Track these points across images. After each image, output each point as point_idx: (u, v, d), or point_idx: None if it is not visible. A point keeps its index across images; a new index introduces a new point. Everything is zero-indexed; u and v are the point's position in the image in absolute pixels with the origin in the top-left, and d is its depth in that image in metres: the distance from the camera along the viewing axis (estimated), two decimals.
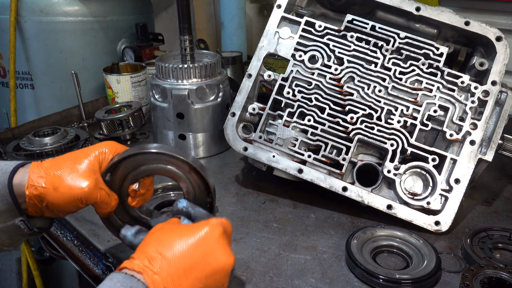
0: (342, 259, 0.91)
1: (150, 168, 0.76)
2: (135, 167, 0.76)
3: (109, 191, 0.74)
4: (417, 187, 1.04)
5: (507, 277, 0.79)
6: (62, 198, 0.69)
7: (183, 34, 1.32)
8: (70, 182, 0.69)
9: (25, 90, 1.79)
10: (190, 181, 0.77)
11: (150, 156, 0.75)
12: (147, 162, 0.75)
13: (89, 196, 0.70)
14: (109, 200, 0.73)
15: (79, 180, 0.70)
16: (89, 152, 0.74)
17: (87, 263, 0.96)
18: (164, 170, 0.76)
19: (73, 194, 0.69)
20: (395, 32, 1.09)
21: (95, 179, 0.71)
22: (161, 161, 0.75)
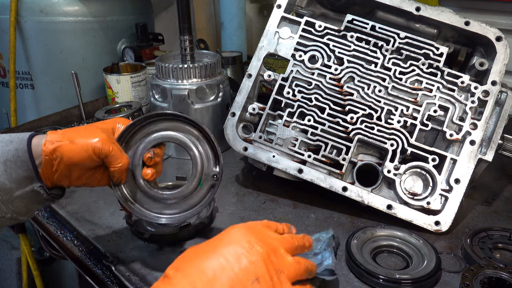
0: (342, 259, 0.91)
1: (160, 136, 0.78)
2: (146, 134, 0.79)
3: (121, 149, 0.78)
4: (417, 187, 1.04)
5: (507, 277, 0.79)
6: (77, 150, 0.73)
7: (183, 34, 1.32)
8: (85, 135, 0.75)
9: (25, 90, 1.79)
10: (198, 149, 0.77)
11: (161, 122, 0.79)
12: (157, 129, 0.78)
13: (103, 147, 0.75)
14: (121, 155, 0.77)
15: (93, 134, 0.75)
16: (102, 123, 0.82)
17: (87, 263, 0.96)
18: (174, 138, 0.77)
19: (87, 145, 0.74)
20: (395, 32, 1.09)
21: (107, 135, 0.77)
22: (171, 127, 0.78)
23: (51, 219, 1.10)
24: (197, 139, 0.76)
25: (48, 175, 0.76)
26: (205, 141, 0.76)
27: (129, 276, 0.87)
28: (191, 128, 0.76)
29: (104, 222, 1.04)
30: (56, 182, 0.78)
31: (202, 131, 0.76)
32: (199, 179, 0.80)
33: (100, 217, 1.07)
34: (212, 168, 0.78)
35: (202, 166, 0.78)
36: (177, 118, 0.79)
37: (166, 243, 0.97)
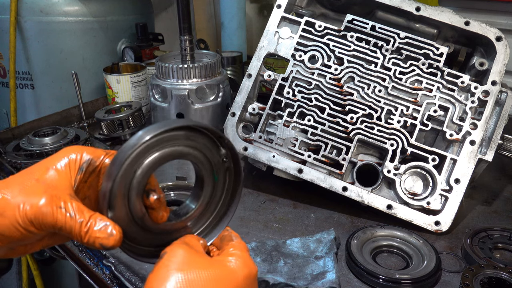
0: (342, 259, 0.91)
1: (148, 164, 0.58)
2: (130, 176, 0.57)
3: (79, 213, 0.52)
4: (417, 187, 1.04)
5: (507, 277, 0.79)
6: (10, 224, 0.52)
7: (183, 34, 1.32)
8: (18, 201, 0.52)
9: (25, 90, 1.79)
10: (194, 147, 0.63)
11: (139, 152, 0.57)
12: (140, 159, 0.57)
13: (41, 217, 0.51)
14: (73, 224, 0.52)
15: (29, 197, 0.52)
16: (49, 163, 0.56)
17: (87, 263, 0.96)
18: (163, 157, 0.59)
19: (21, 215, 0.52)
20: (395, 32, 1.09)
21: (50, 195, 0.52)
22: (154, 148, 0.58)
23: None
24: (187, 138, 0.62)
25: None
26: (197, 134, 0.62)
27: (129, 276, 0.87)
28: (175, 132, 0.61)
29: None
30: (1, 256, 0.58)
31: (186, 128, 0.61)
32: (211, 174, 0.66)
33: None
34: (217, 152, 0.65)
35: (208, 160, 0.64)
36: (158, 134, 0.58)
37: None
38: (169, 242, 0.62)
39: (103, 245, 0.51)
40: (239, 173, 0.67)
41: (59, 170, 0.56)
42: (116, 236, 0.52)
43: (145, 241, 0.62)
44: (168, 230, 0.64)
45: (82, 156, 0.58)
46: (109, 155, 0.59)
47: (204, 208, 0.67)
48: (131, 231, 0.59)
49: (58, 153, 0.58)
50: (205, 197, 0.67)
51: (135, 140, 0.55)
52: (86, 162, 0.58)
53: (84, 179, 0.58)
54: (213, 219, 0.69)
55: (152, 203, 0.59)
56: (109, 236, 0.51)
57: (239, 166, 0.66)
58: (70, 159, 0.57)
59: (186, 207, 0.67)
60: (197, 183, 0.67)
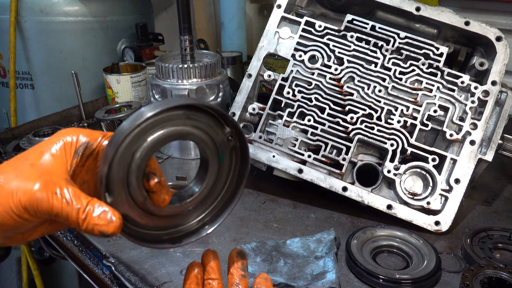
0: (342, 259, 0.91)
1: (147, 146, 0.55)
2: (129, 159, 0.54)
3: (76, 198, 0.50)
4: (417, 187, 1.04)
5: (507, 277, 0.79)
6: (4, 211, 0.50)
7: (183, 34, 1.32)
8: (12, 187, 0.50)
9: (25, 90, 1.79)
10: (196, 126, 0.59)
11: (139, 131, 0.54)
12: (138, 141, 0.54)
13: (35, 203, 0.49)
14: (70, 210, 0.49)
15: (23, 183, 0.50)
16: (43, 147, 0.54)
17: (87, 263, 0.96)
18: (163, 138, 0.56)
19: (15, 202, 0.49)
20: (395, 32, 1.09)
21: (45, 181, 0.50)
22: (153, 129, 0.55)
23: None
24: (188, 117, 0.58)
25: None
26: (199, 113, 0.59)
27: (129, 276, 0.87)
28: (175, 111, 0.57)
29: None
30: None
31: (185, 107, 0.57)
32: (216, 154, 0.62)
33: None
34: (221, 131, 0.61)
35: (212, 140, 0.60)
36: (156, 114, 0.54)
37: None
38: (172, 226, 0.62)
39: (103, 232, 0.49)
40: (246, 151, 0.64)
41: (54, 154, 0.53)
42: (116, 223, 0.49)
43: (147, 225, 0.59)
44: (171, 214, 0.62)
45: (78, 139, 0.55)
46: (107, 137, 0.56)
47: (209, 190, 0.64)
48: (133, 215, 0.56)
49: (53, 136, 0.55)
50: (210, 179, 0.63)
51: (132, 120, 0.52)
52: (83, 145, 0.55)
53: (81, 163, 0.55)
54: (218, 202, 0.66)
55: (152, 186, 0.56)
56: (109, 223, 0.49)
57: (245, 144, 0.63)
58: (66, 143, 0.54)
59: (190, 189, 0.64)
60: (202, 164, 0.64)
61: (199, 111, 0.58)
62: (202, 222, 0.65)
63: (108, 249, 0.95)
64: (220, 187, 0.65)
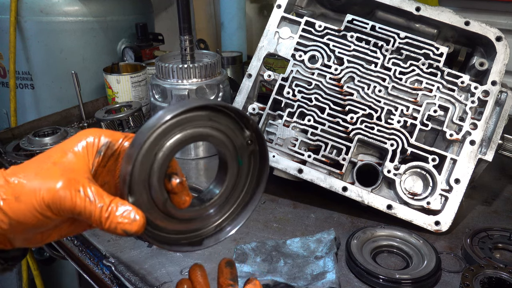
0: (342, 259, 0.91)
1: (169, 147, 0.55)
2: (151, 159, 0.54)
3: (99, 197, 0.50)
4: (417, 187, 1.04)
5: (507, 277, 0.79)
6: (26, 209, 0.50)
7: (183, 34, 1.32)
8: (35, 185, 0.49)
9: (25, 90, 1.79)
10: (216, 128, 0.58)
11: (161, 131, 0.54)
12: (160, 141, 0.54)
13: (58, 201, 0.49)
14: (93, 208, 0.49)
15: (45, 181, 0.50)
16: (66, 146, 0.54)
17: (87, 263, 0.96)
18: (185, 139, 0.56)
19: (38, 200, 0.49)
20: (395, 32, 1.09)
21: (68, 179, 0.50)
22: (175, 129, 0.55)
23: None
24: (209, 119, 0.57)
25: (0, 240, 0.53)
26: (220, 115, 0.58)
27: (129, 276, 0.87)
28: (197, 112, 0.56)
29: None
30: (15, 245, 0.55)
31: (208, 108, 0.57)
32: (236, 157, 0.62)
33: None
34: (241, 134, 0.61)
35: (231, 141, 0.60)
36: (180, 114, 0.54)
37: None
38: (191, 230, 0.61)
39: (126, 231, 0.49)
40: (265, 156, 0.64)
41: (77, 153, 0.53)
42: (140, 222, 0.49)
43: (167, 227, 0.59)
44: (190, 217, 0.61)
45: (100, 139, 0.55)
46: (128, 138, 0.56)
47: (228, 194, 0.64)
48: (153, 217, 0.56)
49: (75, 136, 0.55)
50: (230, 182, 0.64)
51: (155, 121, 0.52)
52: (105, 145, 0.55)
53: (103, 164, 0.55)
54: (237, 206, 0.66)
55: (174, 187, 0.56)
56: (132, 222, 0.49)
57: (265, 149, 0.63)
58: (88, 142, 0.54)
59: (210, 192, 0.64)
60: (221, 167, 0.64)
61: (220, 113, 0.58)
62: (220, 227, 0.65)
63: (108, 249, 0.95)
64: (239, 191, 0.65)
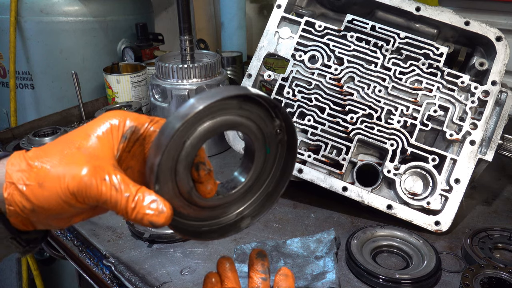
0: (342, 259, 0.91)
1: (198, 135, 0.53)
2: (179, 148, 0.52)
3: (125, 186, 0.48)
4: (417, 187, 1.04)
5: (507, 277, 0.79)
6: (50, 197, 0.48)
7: (183, 34, 1.32)
8: (59, 172, 0.48)
9: (25, 90, 1.79)
10: (247, 116, 0.56)
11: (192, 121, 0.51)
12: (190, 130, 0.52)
13: (84, 189, 0.47)
14: (119, 198, 0.47)
15: (70, 167, 0.48)
16: (90, 130, 0.51)
17: (87, 263, 0.96)
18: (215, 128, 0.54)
19: (62, 188, 0.47)
20: (395, 32, 1.09)
21: (93, 166, 0.48)
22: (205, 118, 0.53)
23: None
24: (240, 107, 0.55)
25: (21, 222, 0.52)
26: (252, 103, 0.56)
27: (129, 276, 0.87)
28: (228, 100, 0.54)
29: (104, 222, 1.04)
30: (37, 228, 0.54)
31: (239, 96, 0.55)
32: (264, 145, 0.60)
33: (100, 217, 1.07)
34: (271, 123, 0.59)
35: (260, 130, 0.58)
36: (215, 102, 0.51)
37: (166, 243, 0.97)
38: (212, 217, 0.60)
39: (153, 223, 0.47)
40: (294, 146, 0.62)
41: (101, 137, 0.50)
42: (167, 214, 0.48)
43: (189, 215, 0.58)
44: (214, 205, 0.60)
45: (126, 123, 0.52)
46: (154, 122, 0.54)
47: (253, 182, 0.62)
48: (176, 205, 0.55)
49: (99, 118, 0.52)
50: (255, 170, 0.61)
51: (187, 110, 0.50)
52: (130, 130, 0.52)
53: (128, 149, 0.53)
54: (260, 194, 0.64)
55: (202, 177, 0.54)
56: (159, 213, 0.47)
57: (295, 139, 0.61)
58: (113, 126, 0.51)
59: (234, 180, 0.62)
60: (247, 155, 0.62)
61: (251, 101, 0.56)
62: (241, 215, 0.63)
63: (108, 249, 0.95)
64: (263, 180, 0.63)
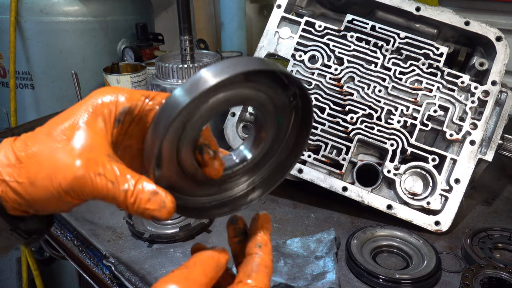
0: (342, 259, 0.91)
1: (201, 115, 0.48)
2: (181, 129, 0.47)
3: (122, 178, 0.44)
4: (417, 187, 1.04)
5: (507, 277, 0.79)
6: (43, 195, 0.45)
7: (183, 34, 1.32)
8: (50, 169, 0.44)
9: (25, 90, 1.79)
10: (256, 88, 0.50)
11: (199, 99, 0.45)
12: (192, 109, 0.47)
13: (78, 187, 0.44)
14: (117, 192, 0.44)
15: (61, 163, 0.44)
16: (79, 116, 0.47)
17: (87, 263, 0.96)
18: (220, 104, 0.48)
19: (55, 186, 0.44)
20: (395, 32, 1.09)
21: (86, 160, 0.44)
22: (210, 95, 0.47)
23: None
24: (247, 79, 0.49)
25: (18, 213, 0.49)
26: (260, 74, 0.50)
27: (129, 276, 0.87)
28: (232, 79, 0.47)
29: (104, 222, 1.04)
30: (39, 213, 0.51)
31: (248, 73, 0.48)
32: (275, 117, 0.54)
33: (100, 217, 1.07)
34: (282, 91, 0.52)
35: (271, 101, 0.52)
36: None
37: (166, 243, 0.97)
38: (221, 191, 0.56)
39: (155, 218, 0.44)
40: (309, 112, 0.55)
41: (92, 125, 0.46)
42: (169, 208, 0.44)
43: (195, 191, 0.54)
44: (223, 180, 0.56)
45: (118, 104, 0.47)
46: (151, 99, 0.49)
47: (264, 155, 0.58)
48: (181, 185, 0.51)
49: (87, 99, 0.48)
50: (266, 143, 0.57)
51: (188, 88, 0.44)
52: (123, 111, 0.47)
53: (123, 131, 0.49)
54: (271, 164, 0.59)
55: (206, 160, 0.50)
56: (161, 208, 0.44)
57: (310, 103, 0.54)
58: (105, 110, 0.47)
59: (242, 152, 0.57)
60: (257, 126, 0.56)
61: (261, 73, 0.49)
62: (253, 185, 0.59)
63: (108, 249, 0.95)
64: (275, 149, 0.58)
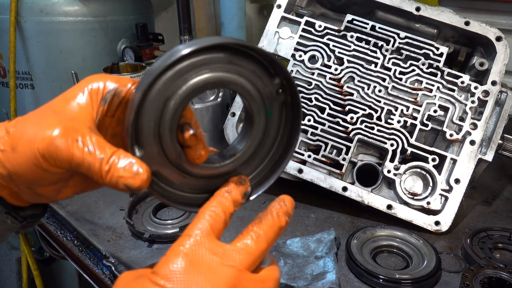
0: (342, 259, 0.91)
1: (182, 93, 0.47)
2: (160, 107, 0.47)
3: (100, 148, 0.45)
4: (417, 187, 1.04)
5: (507, 277, 0.79)
6: (22, 160, 0.46)
7: (183, 34, 1.32)
8: (30, 135, 0.46)
9: (25, 90, 1.79)
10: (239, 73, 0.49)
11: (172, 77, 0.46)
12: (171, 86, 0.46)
13: (54, 151, 0.45)
14: (92, 160, 0.44)
15: (42, 129, 0.46)
16: (68, 94, 0.50)
17: (87, 263, 0.96)
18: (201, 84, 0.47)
19: (33, 150, 0.45)
20: (395, 32, 1.09)
21: (65, 127, 0.46)
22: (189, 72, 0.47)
23: (51, 219, 1.10)
24: (230, 62, 0.49)
25: (10, 194, 0.51)
26: (243, 58, 0.49)
27: None
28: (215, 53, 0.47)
29: (104, 222, 1.04)
30: (30, 201, 0.53)
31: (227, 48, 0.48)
32: (263, 108, 0.53)
33: (100, 217, 1.07)
34: (269, 82, 0.52)
35: (257, 90, 0.51)
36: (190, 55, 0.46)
37: (166, 243, 0.96)
38: (212, 189, 0.54)
39: (128, 186, 0.44)
40: (298, 106, 0.54)
41: (79, 101, 0.49)
42: (143, 175, 0.44)
43: (183, 186, 0.53)
44: (210, 175, 0.54)
45: (106, 85, 0.50)
46: (137, 83, 0.50)
47: (254, 150, 0.56)
48: (166, 174, 0.50)
49: (79, 83, 0.51)
50: (256, 136, 0.55)
51: (163, 60, 0.45)
52: (110, 92, 0.50)
53: (110, 113, 0.51)
54: (265, 164, 0.59)
55: (187, 139, 0.49)
56: (135, 175, 0.44)
57: (297, 97, 0.54)
58: (92, 89, 0.49)
59: (233, 148, 0.56)
60: (247, 120, 0.55)
61: (243, 55, 0.49)
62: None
63: (108, 249, 0.95)
64: (268, 147, 0.57)
